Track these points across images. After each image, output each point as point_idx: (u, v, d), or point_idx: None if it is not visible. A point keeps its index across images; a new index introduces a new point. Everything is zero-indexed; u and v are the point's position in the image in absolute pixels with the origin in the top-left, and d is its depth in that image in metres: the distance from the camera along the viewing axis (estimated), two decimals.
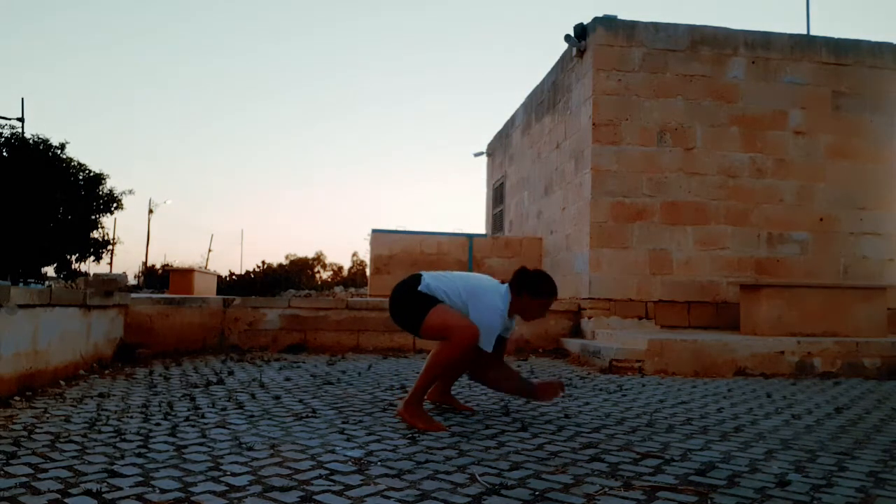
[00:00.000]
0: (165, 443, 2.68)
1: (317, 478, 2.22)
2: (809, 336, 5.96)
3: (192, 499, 1.97)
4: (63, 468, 2.28)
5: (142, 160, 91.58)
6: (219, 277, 19.37)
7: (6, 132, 19.41)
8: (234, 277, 27.20)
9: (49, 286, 7.15)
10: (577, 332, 7.42)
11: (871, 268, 7.77)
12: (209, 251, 54.50)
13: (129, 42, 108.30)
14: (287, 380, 4.66)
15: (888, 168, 7.90)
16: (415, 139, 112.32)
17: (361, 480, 2.20)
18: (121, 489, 2.05)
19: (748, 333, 6.32)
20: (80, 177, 20.12)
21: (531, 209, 10.05)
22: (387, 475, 2.26)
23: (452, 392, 3.86)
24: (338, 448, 2.64)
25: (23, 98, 20.08)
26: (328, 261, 55.55)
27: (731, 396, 4.36)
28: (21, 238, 17.56)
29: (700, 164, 7.54)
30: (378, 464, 2.41)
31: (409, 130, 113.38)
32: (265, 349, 6.70)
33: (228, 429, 2.98)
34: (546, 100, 9.45)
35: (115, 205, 20.87)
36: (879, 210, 7.84)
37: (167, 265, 29.12)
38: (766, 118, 7.68)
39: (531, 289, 3.33)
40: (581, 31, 7.70)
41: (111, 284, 5.74)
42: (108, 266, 27.52)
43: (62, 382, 4.29)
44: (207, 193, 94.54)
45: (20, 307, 3.81)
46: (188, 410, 3.41)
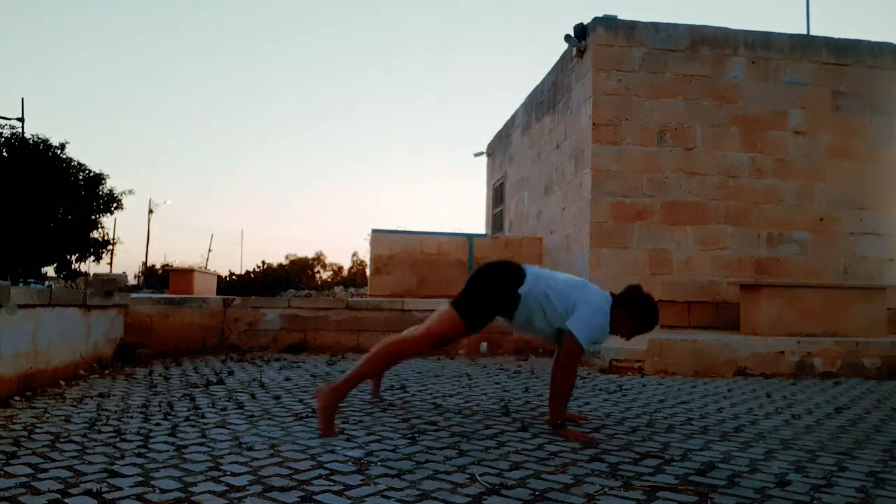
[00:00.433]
0: (165, 443, 2.68)
1: (317, 478, 2.22)
2: (809, 336, 5.95)
3: (192, 499, 1.97)
4: (63, 468, 2.28)
5: (142, 160, 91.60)
6: (219, 277, 19.35)
7: (6, 132, 19.42)
8: (234, 277, 27.19)
9: (49, 286, 7.15)
10: None
11: (871, 268, 7.77)
12: (209, 251, 54.54)
13: (130, 42, 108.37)
14: (287, 380, 4.66)
15: (888, 168, 7.90)
16: (415, 139, 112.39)
17: (361, 480, 2.20)
18: (121, 489, 2.05)
19: (748, 333, 6.32)
20: (80, 177, 20.11)
21: (531, 209, 10.05)
22: (387, 475, 2.26)
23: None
24: (338, 448, 2.64)
25: (23, 98, 20.10)
26: (328, 261, 55.57)
27: (731, 396, 4.36)
28: (21, 238, 17.56)
29: (700, 164, 7.54)
30: (378, 464, 2.41)
31: (410, 130, 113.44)
32: (265, 349, 6.70)
33: (228, 429, 2.98)
34: (546, 100, 9.44)
35: (115, 205, 20.87)
36: (879, 210, 7.84)
37: (167, 265, 29.12)
38: (766, 118, 7.68)
39: (636, 311, 3.28)
40: (581, 31, 7.70)
41: (111, 284, 5.74)
42: (108, 266, 27.53)
43: (62, 382, 4.29)
44: (207, 193, 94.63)
45: (20, 307, 3.81)
46: (188, 410, 3.41)
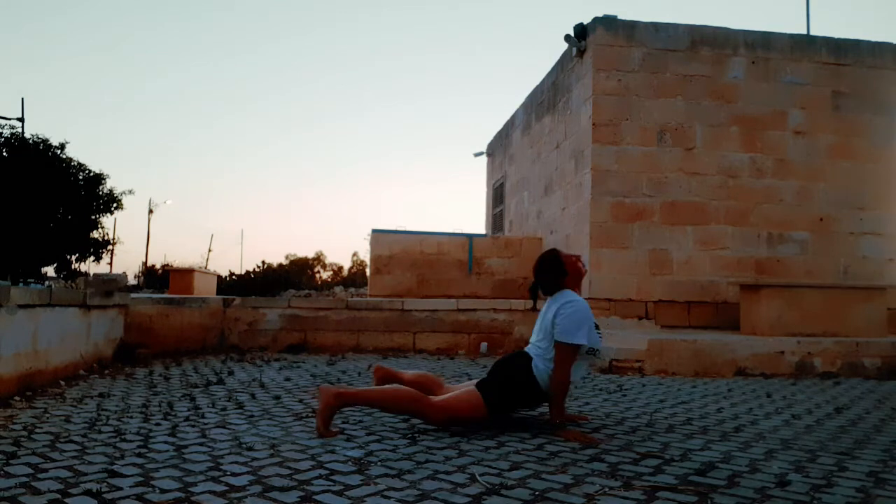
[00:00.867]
0: (165, 443, 2.68)
1: (317, 478, 2.22)
2: (809, 336, 5.95)
3: (192, 499, 1.97)
4: (63, 468, 2.28)
5: (142, 160, 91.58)
6: (219, 277, 19.34)
7: (6, 132, 19.41)
8: (234, 277, 27.20)
9: (49, 286, 7.15)
10: None
11: (871, 268, 7.77)
12: (209, 251, 54.43)
13: (130, 42, 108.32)
14: (287, 380, 4.66)
15: (888, 168, 7.90)
16: (415, 139, 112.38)
17: (361, 480, 2.20)
18: (121, 489, 2.05)
19: (748, 333, 6.32)
20: (80, 177, 20.11)
21: (531, 209, 10.05)
22: (387, 475, 2.26)
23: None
24: (338, 448, 2.64)
25: (23, 98, 20.07)
26: (328, 261, 55.59)
27: (731, 396, 4.36)
28: (21, 238, 17.56)
29: (700, 164, 7.54)
30: (378, 464, 2.41)
31: (410, 130, 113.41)
32: (265, 349, 6.70)
33: (228, 429, 2.98)
34: (546, 100, 9.45)
35: (115, 205, 20.85)
36: (879, 210, 7.84)
37: (167, 265, 29.10)
38: (766, 118, 7.68)
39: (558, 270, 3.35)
40: (581, 31, 7.70)
41: (111, 284, 5.75)
42: (108, 266, 27.52)
43: (62, 382, 4.29)
44: (207, 193, 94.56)
45: (20, 307, 3.81)
46: (188, 410, 3.41)
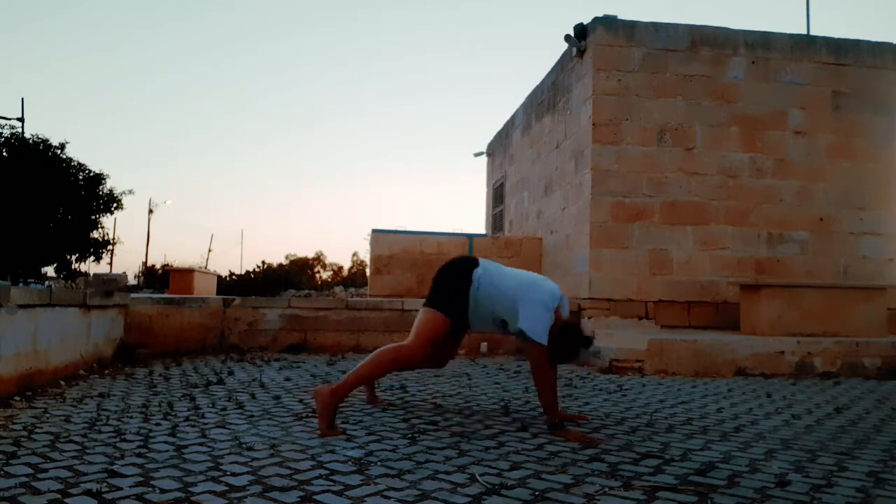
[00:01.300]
0: (165, 443, 2.68)
1: (317, 478, 2.22)
2: (809, 336, 5.95)
3: (192, 499, 1.97)
4: (63, 468, 2.28)
5: (142, 160, 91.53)
6: (219, 277, 19.34)
7: (6, 132, 19.41)
8: (234, 277, 27.21)
9: (49, 286, 7.15)
10: None
11: (871, 268, 7.77)
12: (209, 251, 54.41)
13: (130, 42, 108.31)
14: (287, 380, 4.66)
15: (888, 168, 7.90)
16: (415, 139, 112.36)
17: (361, 480, 2.20)
18: (121, 489, 2.06)
19: (748, 333, 6.32)
20: (80, 177, 20.11)
21: (531, 209, 10.05)
22: (387, 475, 2.26)
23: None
24: (338, 448, 2.64)
25: (23, 98, 20.07)
26: (328, 261, 55.57)
27: (731, 396, 4.36)
28: (21, 238, 17.55)
29: (700, 164, 7.54)
30: (378, 464, 2.41)
31: (410, 130, 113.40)
32: (265, 349, 6.70)
33: (228, 429, 2.98)
34: (546, 100, 9.45)
35: (115, 205, 20.85)
36: (879, 210, 7.84)
37: (167, 265, 29.10)
38: (766, 118, 7.68)
39: (566, 341, 3.18)
40: (581, 31, 7.70)
41: (111, 284, 5.74)
42: (108, 266, 27.52)
43: (62, 382, 4.29)
44: (207, 193, 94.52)
45: (20, 307, 3.81)
46: (188, 410, 3.41)
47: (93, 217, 20.45)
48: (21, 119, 19.86)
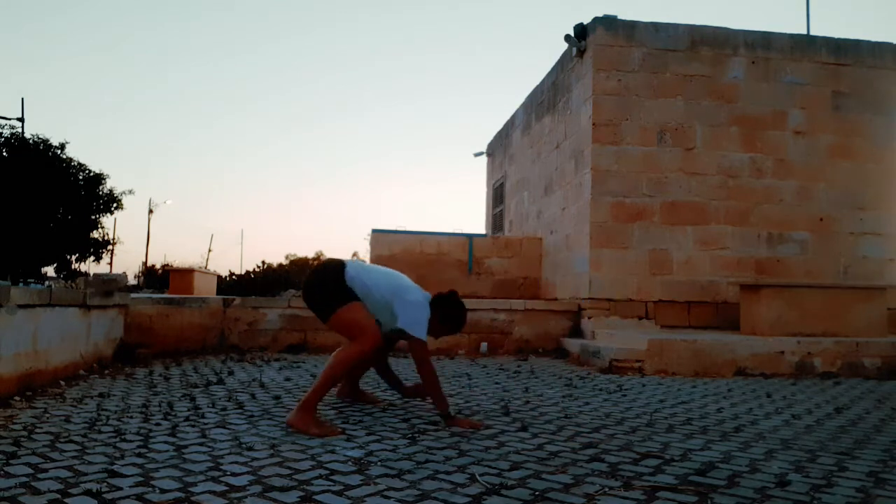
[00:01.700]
0: (165, 443, 2.68)
1: (317, 478, 2.22)
2: (809, 336, 5.95)
3: (192, 499, 1.97)
4: (63, 468, 2.28)
5: (142, 160, 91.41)
6: (219, 277, 19.33)
7: (6, 132, 19.41)
8: (234, 277, 27.18)
9: (49, 286, 7.15)
10: (578, 332, 7.42)
11: (871, 268, 7.77)
12: (209, 251, 54.33)
13: (130, 42, 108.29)
14: (287, 380, 4.66)
15: (888, 168, 7.90)
16: (415, 139, 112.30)
17: (361, 480, 2.20)
18: (121, 489, 2.06)
19: (748, 333, 6.32)
20: (80, 177, 20.11)
21: (531, 209, 10.05)
22: (387, 475, 2.26)
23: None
24: (338, 448, 2.64)
25: (23, 98, 20.07)
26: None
27: (731, 396, 4.36)
28: (21, 238, 17.55)
29: (700, 164, 7.54)
30: (378, 464, 2.41)
31: (410, 130, 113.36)
32: (265, 349, 6.70)
33: (228, 429, 2.98)
34: (546, 100, 9.44)
35: (115, 205, 20.86)
36: (879, 210, 7.84)
37: (167, 265, 29.07)
38: (766, 118, 7.68)
39: (445, 314, 3.42)
40: (581, 31, 7.70)
41: (111, 284, 5.74)
42: (108, 266, 27.51)
43: (62, 382, 4.29)
44: (207, 193, 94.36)
45: (20, 307, 3.81)
46: (188, 410, 3.41)
47: (93, 217, 20.46)
48: (21, 119, 19.86)
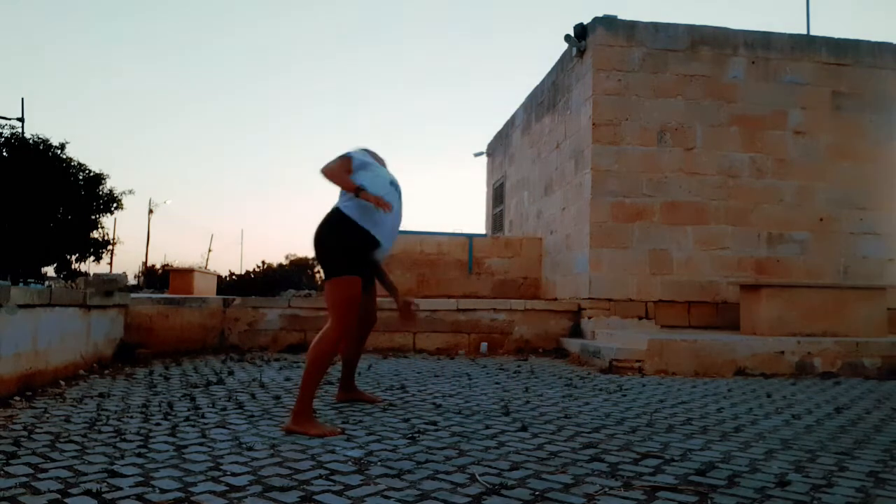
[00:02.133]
0: (165, 443, 2.68)
1: (317, 478, 2.22)
2: (809, 336, 5.95)
3: (192, 499, 1.97)
4: (63, 468, 2.28)
5: (142, 160, 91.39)
6: (219, 277, 19.34)
7: (6, 132, 19.41)
8: (234, 277, 27.19)
9: (49, 286, 7.15)
10: (578, 332, 7.42)
11: (871, 268, 7.77)
12: (209, 251, 54.33)
13: (130, 42, 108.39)
14: (287, 380, 4.66)
15: (888, 168, 7.90)
16: (415, 139, 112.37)
17: (361, 480, 2.20)
18: (121, 489, 2.06)
19: (748, 333, 6.32)
20: (80, 177, 20.11)
21: (531, 209, 10.05)
22: (387, 475, 2.26)
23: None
24: (338, 448, 2.64)
25: (23, 98, 20.07)
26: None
27: (731, 396, 4.36)
28: (21, 238, 17.55)
29: (700, 164, 7.54)
30: (378, 464, 2.41)
31: (410, 130, 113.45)
32: (265, 349, 6.70)
33: (228, 429, 2.98)
34: (546, 100, 9.44)
35: (115, 205, 20.86)
36: (879, 210, 7.83)
37: (167, 265, 29.07)
38: (766, 118, 7.68)
39: None
40: (581, 31, 7.70)
41: (111, 284, 5.74)
42: (108, 266, 27.50)
43: (62, 382, 4.29)
44: (207, 193, 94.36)
45: (20, 307, 3.81)
46: (188, 410, 3.41)
47: (93, 217, 20.46)
48: (21, 119, 19.85)
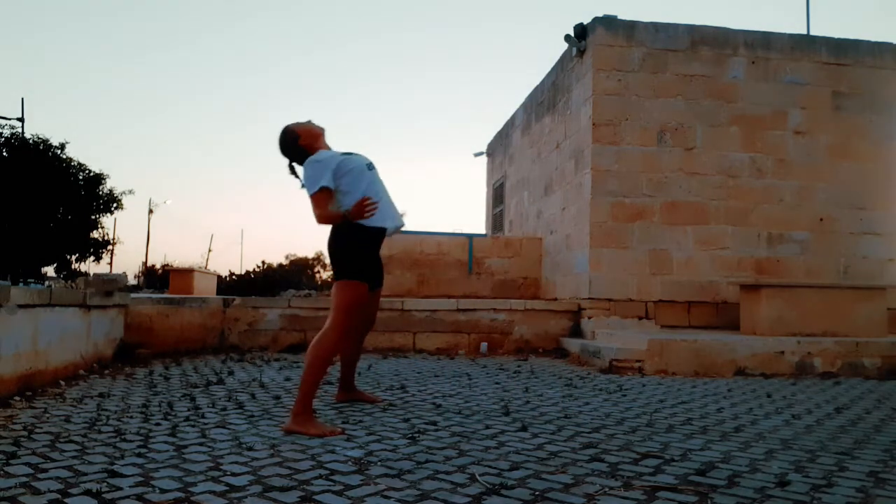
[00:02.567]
0: (165, 443, 2.68)
1: (317, 478, 2.22)
2: (809, 336, 5.95)
3: (192, 499, 1.97)
4: (63, 468, 2.28)
5: (142, 160, 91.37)
6: (219, 277, 19.35)
7: (6, 132, 19.41)
8: (234, 277, 27.17)
9: (49, 286, 7.15)
10: (578, 332, 7.42)
11: (871, 268, 7.77)
12: (209, 251, 54.38)
13: (130, 42, 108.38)
14: (287, 380, 4.66)
15: (888, 168, 7.90)
16: (415, 139, 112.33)
17: (361, 480, 2.20)
18: (121, 489, 2.06)
19: (748, 333, 6.32)
20: (80, 177, 20.11)
21: (531, 209, 10.05)
22: (387, 475, 2.26)
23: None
24: (338, 448, 2.64)
25: (23, 98, 20.07)
26: (328, 261, 55.46)
27: (731, 396, 4.36)
28: (21, 238, 17.56)
29: (700, 164, 7.54)
30: (378, 464, 2.41)
31: (410, 130, 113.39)
32: (265, 349, 6.70)
33: (228, 429, 2.98)
34: (546, 100, 9.44)
35: (115, 205, 20.87)
36: (879, 210, 7.83)
37: (167, 265, 29.09)
38: (766, 118, 7.68)
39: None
40: (581, 31, 7.70)
41: (111, 284, 5.74)
42: (108, 266, 27.52)
43: (62, 382, 4.29)
44: (207, 193, 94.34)
45: (20, 307, 3.81)
46: (188, 410, 3.41)
47: (93, 217, 20.46)
48: (21, 119, 19.85)
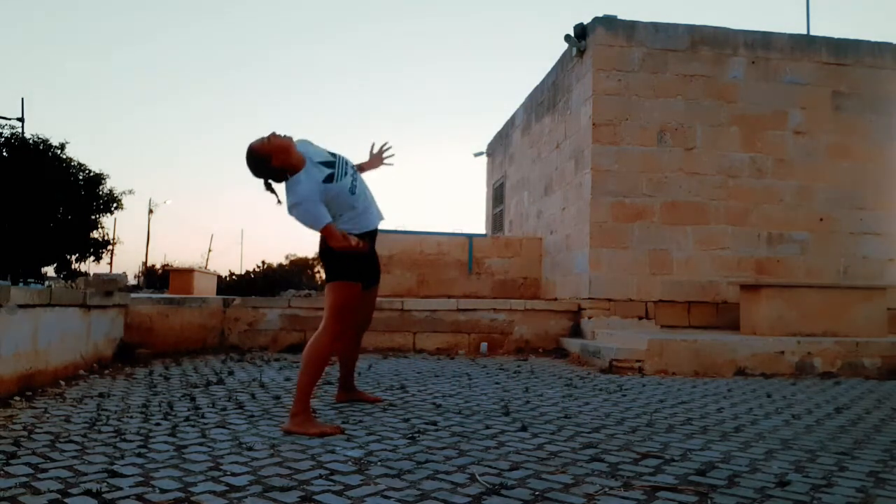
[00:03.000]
0: (165, 443, 2.68)
1: (317, 478, 2.22)
2: (809, 336, 5.95)
3: (192, 499, 1.97)
4: (63, 468, 2.28)
5: (142, 160, 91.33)
6: (219, 277, 19.34)
7: (6, 132, 19.40)
8: (234, 277, 27.15)
9: (49, 286, 7.15)
10: (578, 332, 7.42)
11: (871, 268, 7.76)
12: (209, 251, 54.33)
13: (130, 42, 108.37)
14: (287, 380, 4.66)
15: (888, 168, 7.89)
16: (415, 139, 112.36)
17: (361, 480, 2.20)
18: (121, 489, 2.06)
19: (748, 333, 6.32)
20: (80, 177, 20.11)
21: (531, 209, 10.05)
22: (387, 475, 2.26)
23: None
24: (338, 448, 2.64)
25: (23, 98, 20.05)
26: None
27: (731, 396, 4.36)
28: (21, 238, 17.55)
29: (700, 164, 7.54)
30: (378, 464, 2.41)
31: (410, 130, 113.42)
32: (265, 349, 6.70)
33: (228, 429, 2.98)
34: (546, 100, 9.44)
35: (115, 205, 20.85)
36: (879, 210, 7.83)
37: (167, 265, 29.05)
38: (766, 118, 7.67)
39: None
40: (581, 31, 7.70)
41: (111, 284, 5.74)
42: (108, 266, 27.50)
43: (62, 382, 4.29)
44: (207, 193, 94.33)
45: (20, 307, 3.81)
46: (188, 410, 3.41)
47: (93, 217, 20.45)
48: (21, 119, 19.84)
